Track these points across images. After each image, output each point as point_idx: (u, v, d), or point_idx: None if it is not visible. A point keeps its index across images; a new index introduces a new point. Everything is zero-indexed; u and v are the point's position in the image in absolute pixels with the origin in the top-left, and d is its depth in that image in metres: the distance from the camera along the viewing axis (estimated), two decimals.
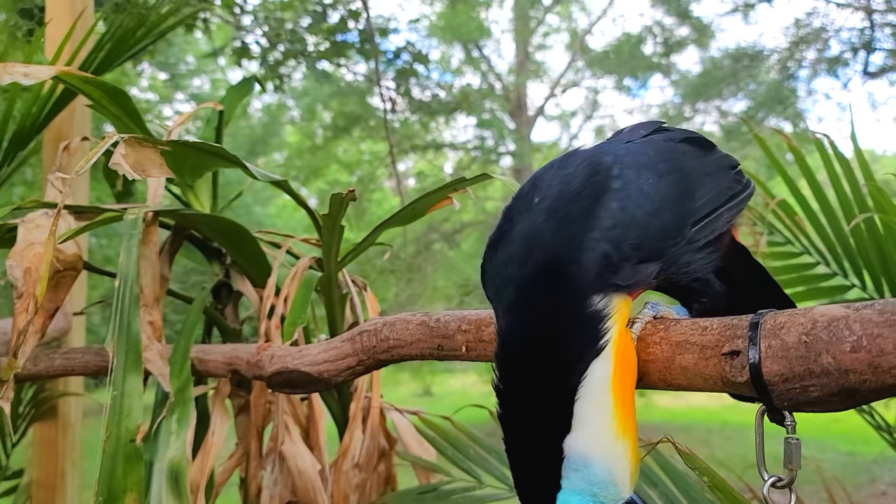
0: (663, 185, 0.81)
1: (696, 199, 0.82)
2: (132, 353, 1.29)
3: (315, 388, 1.26)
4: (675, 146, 0.87)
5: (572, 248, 0.74)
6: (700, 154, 0.89)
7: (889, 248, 1.72)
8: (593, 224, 0.75)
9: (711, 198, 0.84)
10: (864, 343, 0.60)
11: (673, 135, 0.90)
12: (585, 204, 0.77)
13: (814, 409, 0.65)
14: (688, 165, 0.86)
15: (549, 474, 0.71)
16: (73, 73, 1.58)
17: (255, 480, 1.62)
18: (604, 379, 0.71)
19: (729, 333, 0.69)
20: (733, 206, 0.86)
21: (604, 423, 0.71)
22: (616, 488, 0.71)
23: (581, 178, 0.79)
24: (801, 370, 0.63)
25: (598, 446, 0.70)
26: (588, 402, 0.71)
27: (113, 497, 1.18)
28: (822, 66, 10.96)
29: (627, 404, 0.73)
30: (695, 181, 0.84)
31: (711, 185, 0.85)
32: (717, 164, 0.89)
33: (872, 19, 10.46)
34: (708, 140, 0.92)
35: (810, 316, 0.64)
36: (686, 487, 1.46)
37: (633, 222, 0.76)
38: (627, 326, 0.77)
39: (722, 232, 0.85)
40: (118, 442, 1.21)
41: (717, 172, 0.88)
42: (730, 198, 0.86)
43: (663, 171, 0.82)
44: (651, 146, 0.87)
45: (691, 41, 12.14)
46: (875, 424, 1.80)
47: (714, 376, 0.70)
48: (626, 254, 0.75)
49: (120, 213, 1.50)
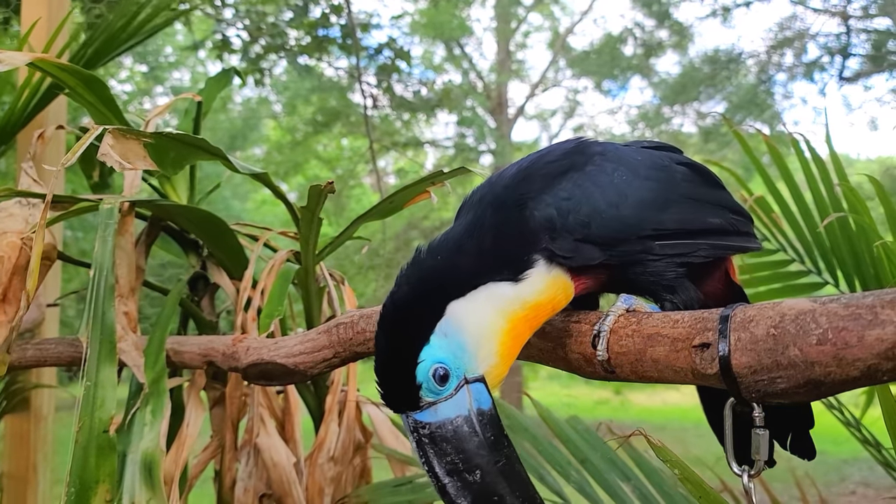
0: (636, 185, 0.83)
1: (666, 213, 0.85)
2: (106, 344, 1.28)
3: (291, 380, 1.27)
4: (670, 164, 0.90)
5: (525, 199, 0.80)
6: (697, 182, 0.91)
7: (861, 247, 1.75)
8: (551, 189, 0.80)
9: (686, 219, 0.86)
10: (830, 336, 0.61)
11: (677, 157, 0.93)
12: (553, 171, 0.82)
13: (781, 400, 0.66)
14: (674, 183, 0.88)
15: (425, 325, 0.74)
16: (49, 61, 1.56)
17: (230, 473, 1.61)
18: (507, 299, 0.76)
19: (699, 326, 0.71)
20: (718, 246, 0.88)
21: (489, 320, 0.75)
22: (474, 361, 0.74)
23: (560, 152, 0.86)
24: (769, 362, 0.64)
25: (475, 324, 0.74)
26: (486, 299, 0.75)
27: (85, 488, 1.17)
28: (799, 71, 11.10)
29: (515, 338, 0.77)
30: (675, 199, 0.87)
31: (692, 211, 0.88)
32: (712, 198, 0.91)
33: (849, 25, 10.61)
34: (716, 178, 0.94)
35: (778, 309, 0.66)
36: (659, 482, 1.48)
37: (588, 202, 0.80)
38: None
39: (699, 263, 0.86)
40: (91, 433, 1.20)
41: (707, 204, 0.90)
42: (713, 232, 0.88)
43: (643, 175, 0.85)
44: (644, 154, 0.90)
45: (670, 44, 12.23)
46: (845, 421, 1.83)
47: (685, 368, 0.71)
48: (571, 226, 0.78)
49: (95, 203, 1.49)
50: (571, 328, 0.83)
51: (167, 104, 1.72)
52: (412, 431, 0.73)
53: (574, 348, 0.82)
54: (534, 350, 0.88)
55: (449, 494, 0.71)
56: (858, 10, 10.66)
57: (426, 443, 0.72)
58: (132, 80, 13.61)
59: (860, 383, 0.62)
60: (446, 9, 12.29)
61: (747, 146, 1.92)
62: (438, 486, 0.72)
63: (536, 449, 1.60)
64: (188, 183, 1.92)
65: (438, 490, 0.72)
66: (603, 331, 0.77)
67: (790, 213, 1.94)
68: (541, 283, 0.77)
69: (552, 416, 1.59)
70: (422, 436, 0.72)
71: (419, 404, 0.72)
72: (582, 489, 1.51)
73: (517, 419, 1.64)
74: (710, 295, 0.91)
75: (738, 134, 1.95)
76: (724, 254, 0.91)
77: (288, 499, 1.48)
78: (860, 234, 1.73)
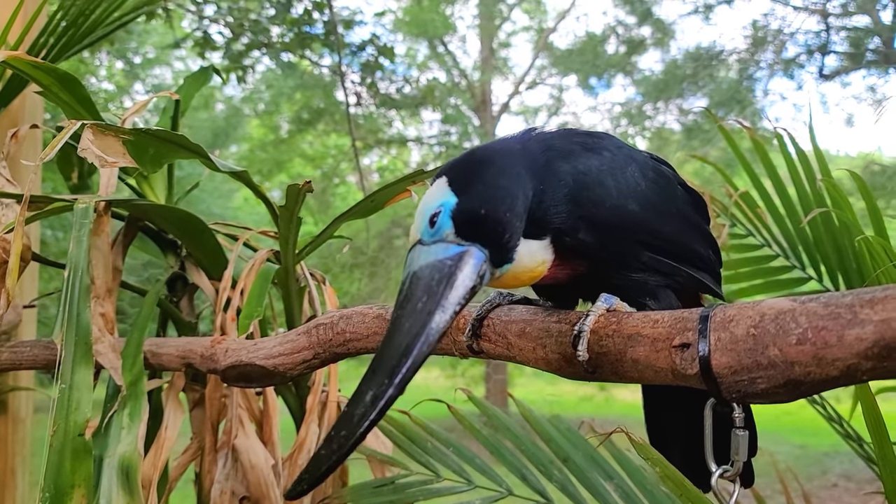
0: (644, 185, 0.84)
1: (664, 223, 0.85)
2: (81, 345, 1.26)
3: (270, 382, 1.25)
4: (672, 178, 0.90)
5: (540, 163, 0.80)
6: (692, 207, 0.92)
7: (844, 242, 1.76)
8: (571, 159, 0.81)
9: (679, 239, 0.87)
10: (810, 335, 0.61)
11: (677, 175, 0.93)
12: (573, 147, 0.82)
13: (760, 400, 0.66)
14: (675, 198, 0.89)
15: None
16: (23, 58, 1.53)
17: (210, 475, 1.59)
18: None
19: (679, 326, 0.70)
20: (695, 279, 0.88)
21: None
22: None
23: (582, 135, 0.86)
24: (748, 362, 0.64)
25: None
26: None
27: (60, 493, 1.15)
28: (779, 68, 11.18)
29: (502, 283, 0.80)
30: (673, 213, 0.87)
31: (685, 231, 0.88)
32: (702, 228, 0.92)
33: (828, 23, 10.70)
34: (706, 210, 0.95)
35: (758, 309, 0.65)
36: (641, 480, 1.48)
37: (600, 183, 0.80)
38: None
39: (677, 288, 0.86)
40: (66, 436, 1.18)
41: (698, 230, 0.91)
42: (696, 261, 0.88)
43: (651, 178, 0.85)
44: (652, 161, 0.90)
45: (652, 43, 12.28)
46: (827, 416, 1.84)
47: (665, 368, 0.71)
48: (581, 201, 0.79)
49: (71, 203, 1.46)
50: (552, 328, 0.82)
51: (144, 102, 1.69)
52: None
53: (554, 349, 0.81)
54: (514, 350, 0.87)
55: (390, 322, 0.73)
56: (838, 8, 10.75)
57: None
58: (111, 78, 13.46)
59: (840, 383, 0.62)
60: (430, 6, 12.28)
61: (732, 141, 1.92)
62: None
63: (519, 448, 1.59)
64: (166, 182, 1.90)
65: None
66: (583, 331, 0.77)
67: (774, 209, 1.94)
68: (536, 254, 0.78)
69: (534, 415, 1.58)
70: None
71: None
72: (564, 488, 1.51)
73: (499, 418, 1.64)
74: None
75: (724, 129, 1.96)
76: (697, 288, 0.92)
77: (265, 501, 1.47)
78: (843, 229, 1.74)
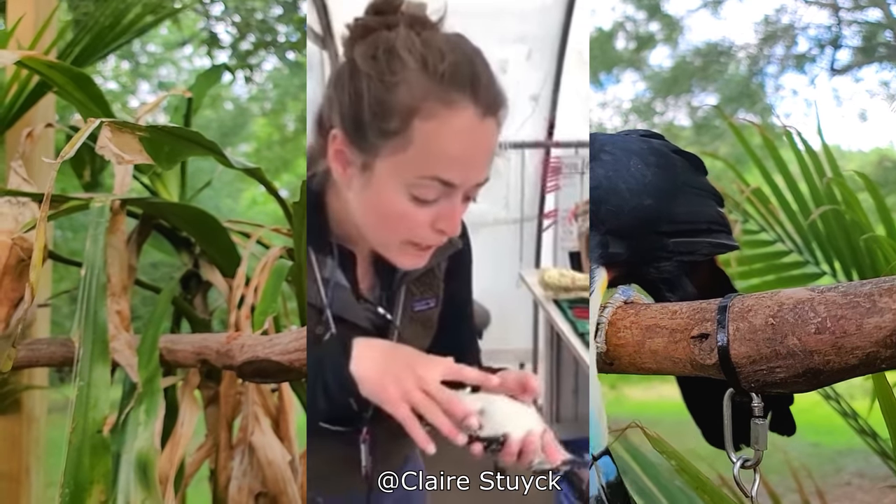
0: (649, 174, 0.82)
1: (676, 204, 0.84)
2: (99, 343, 1.27)
3: (286, 378, 1.25)
4: (668, 152, 0.89)
5: None
6: (691, 171, 0.90)
7: (857, 238, 1.75)
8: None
9: (692, 210, 0.86)
10: (829, 324, 0.61)
11: (668, 144, 0.92)
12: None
13: (779, 389, 0.66)
14: (676, 172, 0.87)
15: None
16: (38, 59, 1.54)
17: (225, 471, 1.60)
18: None
19: (698, 317, 0.70)
20: (716, 244, 0.87)
21: None
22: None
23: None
24: (767, 352, 0.64)
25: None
26: None
27: (79, 489, 1.16)
28: (790, 63, 11.13)
29: None
30: (680, 188, 0.86)
31: (695, 201, 0.87)
32: (706, 186, 0.91)
33: (839, 16, 10.64)
34: (702, 162, 0.93)
35: (776, 299, 0.65)
36: (656, 475, 1.48)
37: (614, 191, 0.79)
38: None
39: (699, 262, 0.86)
40: (84, 433, 1.19)
41: (704, 194, 0.90)
42: (714, 230, 0.88)
43: (653, 163, 0.84)
44: (644, 143, 0.88)
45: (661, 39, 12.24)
46: (841, 411, 1.83)
47: (683, 359, 0.71)
48: (603, 217, 0.78)
49: (86, 202, 1.47)
50: None
51: (158, 100, 1.70)
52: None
53: None
54: None
55: None
56: (849, 2, 10.69)
57: None
58: (117, 78, 13.50)
59: (859, 372, 0.62)
60: None
61: (742, 137, 1.91)
62: None
63: None
64: (179, 180, 1.91)
65: None
66: (601, 323, 0.77)
67: (786, 204, 1.94)
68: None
69: None
70: None
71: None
72: None
73: None
74: (699, 284, 0.90)
75: (733, 125, 1.95)
76: (719, 252, 0.91)
77: (283, 497, 1.47)
78: (853, 226, 1.74)
